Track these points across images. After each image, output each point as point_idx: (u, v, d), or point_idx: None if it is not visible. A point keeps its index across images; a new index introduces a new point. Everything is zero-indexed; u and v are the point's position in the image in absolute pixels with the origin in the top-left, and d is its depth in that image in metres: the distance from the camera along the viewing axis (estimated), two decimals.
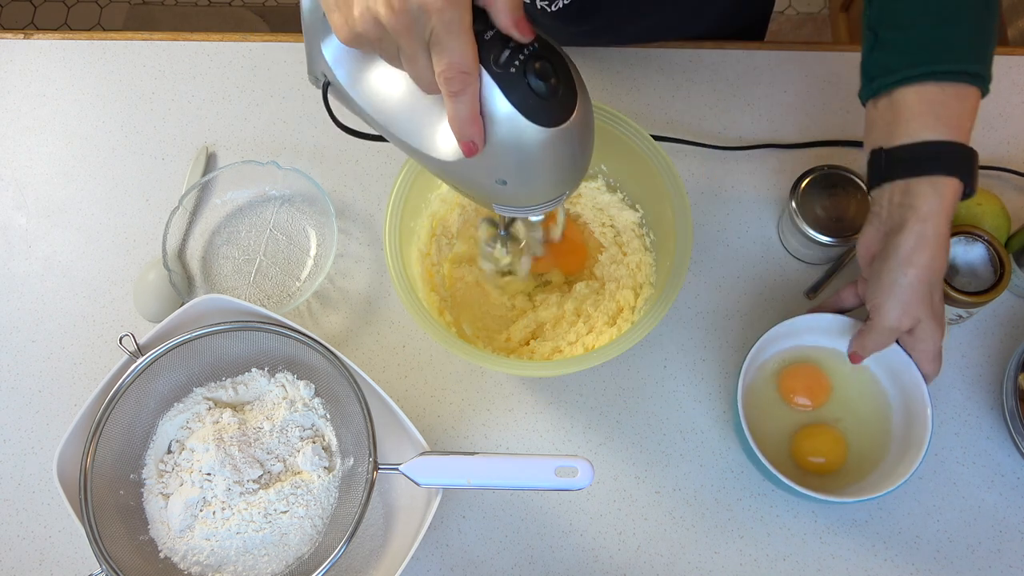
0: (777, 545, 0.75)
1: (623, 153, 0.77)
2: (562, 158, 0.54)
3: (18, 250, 0.89)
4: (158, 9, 2.15)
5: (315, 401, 0.75)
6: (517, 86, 0.49)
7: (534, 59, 0.49)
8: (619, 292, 0.79)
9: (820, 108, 0.89)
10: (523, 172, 0.54)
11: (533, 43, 0.50)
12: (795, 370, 0.77)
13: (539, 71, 0.49)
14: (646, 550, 0.76)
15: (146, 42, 0.97)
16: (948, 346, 0.81)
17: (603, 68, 0.92)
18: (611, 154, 0.79)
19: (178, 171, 0.91)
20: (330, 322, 0.85)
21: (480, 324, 0.81)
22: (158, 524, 0.71)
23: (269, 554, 0.69)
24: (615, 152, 0.77)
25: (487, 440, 0.80)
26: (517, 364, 0.73)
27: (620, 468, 0.78)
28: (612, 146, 0.77)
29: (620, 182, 0.83)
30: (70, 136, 0.93)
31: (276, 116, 0.93)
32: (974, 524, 0.75)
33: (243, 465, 0.70)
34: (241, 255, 0.88)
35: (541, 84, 0.49)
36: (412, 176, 0.75)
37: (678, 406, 0.80)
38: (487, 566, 0.76)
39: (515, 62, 0.49)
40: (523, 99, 0.50)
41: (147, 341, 0.72)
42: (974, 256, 0.77)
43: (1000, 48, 0.92)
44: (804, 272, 0.84)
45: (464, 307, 0.81)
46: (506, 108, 0.50)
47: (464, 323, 0.80)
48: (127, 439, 0.72)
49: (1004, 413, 0.76)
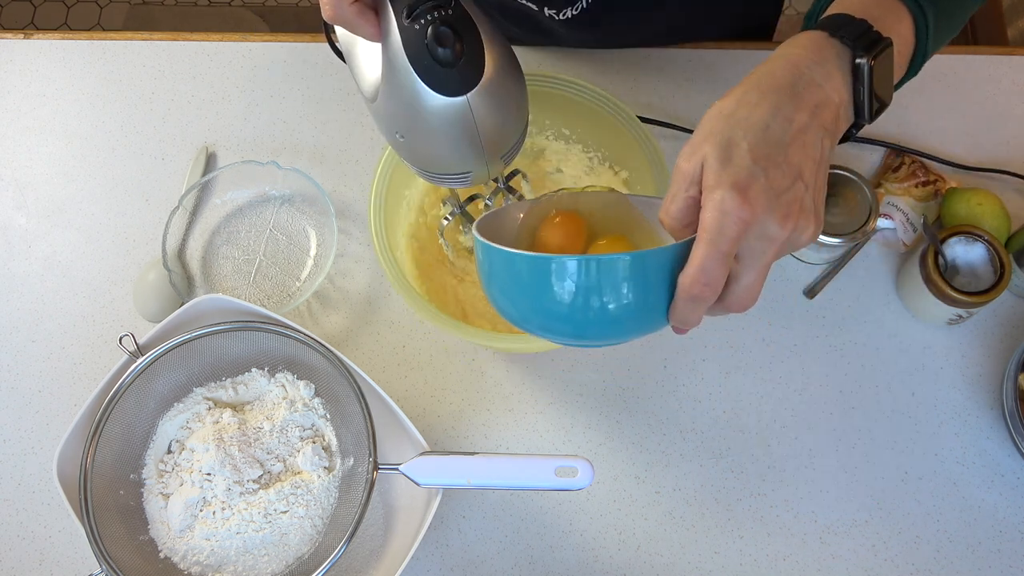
0: (777, 545, 0.75)
1: (614, 134, 0.76)
2: (457, 131, 0.54)
3: (18, 250, 0.89)
4: (158, 9, 2.15)
5: (315, 401, 0.75)
6: (417, 42, 0.50)
7: (442, 22, 0.50)
8: None
9: None
10: (416, 132, 0.55)
11: (450, 7, 0.51)
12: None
13: (440, 35, 0.50)
14: (646, 550, 0.76)
15: (146, 42, 0.97)
16: (948, 346, 0.81)
17: (603, 68, 0.92)
18: (606, 138, 0.79)
19: (178, 171, 0.91)
20: (330, 322, 0.85)
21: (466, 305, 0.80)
22: (158, 524, 0.71)
23: (269, 554, 0.69)
24: (608, 134, 0.77)
25: (487, 440, 0.80)
26: (495, 336, 0.71)
27: (620, 468, 0.78)
28: (607, 130, 0.76)
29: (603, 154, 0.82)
30: (70, 136, 0.93)
31: (276, 116, 0.93)
32: (974, 524, 0.75)
33: (243, 465, 0.70)
34: (241, 255, 0.88)
35: (440, 49, 0.50)
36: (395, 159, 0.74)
37: (678, 406, 0.80)
38: (487, 566, 0.76)
39: (423, 19, 0.50)
40: (420, 57, 0.50)
41: (147, 341, 0.72)
42: (974, 256, 0.77)
43: (1000, 48, 0.92)
44: (804, 272, 0.84)
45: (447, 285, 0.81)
46: (403, 60, 0.51)
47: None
48: (127, 439, 0.72)
49: (1004, 413, 0.76)
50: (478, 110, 0.53)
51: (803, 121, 0.48)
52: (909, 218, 0.83)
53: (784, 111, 0.48)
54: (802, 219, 0.47)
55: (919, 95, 0.90)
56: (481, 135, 0.55)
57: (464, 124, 0.54)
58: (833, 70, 0.50)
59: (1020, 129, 0.88)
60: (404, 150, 0.58)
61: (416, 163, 0.59)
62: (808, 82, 0.49)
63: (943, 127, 0.88)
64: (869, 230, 0.78)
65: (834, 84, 0.50)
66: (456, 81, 0.52)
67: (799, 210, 0.47)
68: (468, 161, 0.57)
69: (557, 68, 0.92)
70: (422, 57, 0.50)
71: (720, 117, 0.48)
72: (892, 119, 0.89)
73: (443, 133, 0.54)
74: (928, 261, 0.76)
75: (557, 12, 0.82)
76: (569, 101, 0.76)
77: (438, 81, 0.51)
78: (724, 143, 0.47)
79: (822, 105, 0.49)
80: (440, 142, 0.55)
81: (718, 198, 0.46)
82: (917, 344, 0.81)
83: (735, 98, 0.49)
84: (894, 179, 0.85)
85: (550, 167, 0.84)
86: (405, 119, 0.54)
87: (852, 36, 0.50)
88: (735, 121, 0.48)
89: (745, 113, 0.48)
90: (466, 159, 0.57)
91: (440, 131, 0.54)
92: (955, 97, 0.90)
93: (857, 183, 0.79)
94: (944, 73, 0.91)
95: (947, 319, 0.79)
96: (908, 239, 0.83)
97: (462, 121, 0.53)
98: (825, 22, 0.52)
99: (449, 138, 0.55)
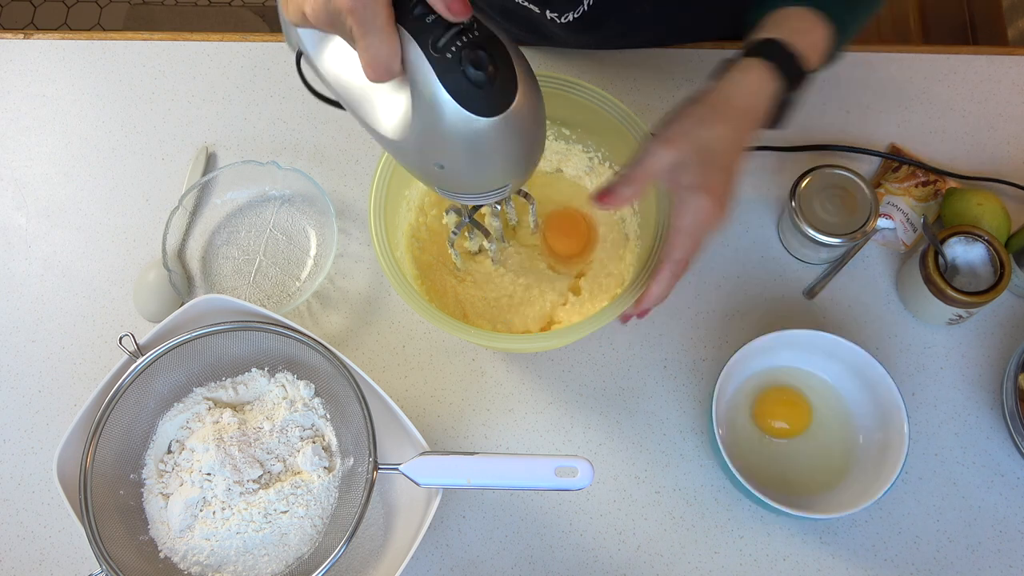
0: (777, 545, 0.75)
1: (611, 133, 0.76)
2: (500, 148, 0.54)
3: (18, 250, 0.89)
4: (158, 9, 2.15)
5: (315, 401, 0.75)
6: (453, 72, 0.49)
7: (472, 46, 0.49)
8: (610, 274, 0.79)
9: (819, 109, 0.89)
10: (459, 159, 0.54)
11: (474, 30, 0.50)
12: (772, 395, 0.78)
13: (475, 59, 0.49)
14: (646, 550, 0.76)
15: (146, 42, 0.97)
16: (948, 346, 0.81)
17: (604, 69, 0.92)
18: (605, 138, 0.79)
19: (178, 171, 0.91)
20: (330, 322, 0.85)
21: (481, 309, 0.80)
22: (158, 524, 0.71)
23: (269, 554, 0.69)
24: (607, 135, 0.77)
25: (487, 440, 0.80)
26: (495, 336, 0.73)
27: (620, 468, 0.78)
28: (604, 128, 0.76)
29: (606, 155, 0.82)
30: (70, 136, 0.93)
31: (276, 116, 0.93)
32: (974, 524, 0.75)
33: (243, 465, 0.70)
34: (241, 255, 0.88)
35: (477, 73, 0.49)
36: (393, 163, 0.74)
37: (678, 406, 0.80)
38: (487, 566, 0.76)
39: (452, 48, 0.49)
40: (458, 86, 0.50)
41: (147, 341, 0.72)
42: (974, 256, 0.77)
43: (1000, 48, 0.92)
44: (804, 272, 0.84)
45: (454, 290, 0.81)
46: (441, 94, 0.50)
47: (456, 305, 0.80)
48: (127, 439, 0.72)
49: (1004, 413, 0.76)
50: (519, 122, 0.52)
51: (747, 141, 0.65)
52: (909, 218, 0.83)
53: (738, 132, 0.64)
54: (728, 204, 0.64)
55: (919, 95, 0.90)
56: (525, 144, 0.55)
57: (509, 137, 0.53)
58: (769, 98, 0.65)
59: (1020, 129, 0.88)
60: (443, 179, 0.57)
61: (456, 189, 0.58)
62: (755, 109, 0.64)
63: (943, 127, 0.88)
64: (869, 230, 0.78)
65: (764, 108, 0.65)
66: (496, 99, 0.51)
67: (730, 199, 0.64)
68: (510, 173, 0.57)
69: (557, 68, 0.92)
70: (460, 84, 0.50)
71: (692, 118, 0.62)
72: (892, 119, 0.89)
73: (490, 153, 0.54)
74: (928, 261, 0.76)
75: (559, 15, 0.82)
76: (569, 101, 0.76)
77: (479, 104, 0.50)
78: (703, 149, 0.62)
79: (755, 126, 0.65)
80: (485, 162, 0.55)
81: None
82: (917, 344, 0.81)
83: (704, 108, 0.63)
84: (894, 179, 0.85)
85: (550, 167, 0.84)
86: (446, 149, 0.53)
87: (789, 73, 0.65)
88: (705, 127, 0.63)
89: (715, 126, 0.63)
90: (508, 171, 0.57)
91: (486, 151, 0.53)
92: (955, 97, 0.90)
93: (857, 183, 0.79)
94: (944, 73, 0.91)
95: (947, 319, 0.79)
96: (908, 239, 0.83)
97: (506, 135, 0.53)
98: (772, 55, 0.65)
99: (496, 156, 0.54)
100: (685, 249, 0.64)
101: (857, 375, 0.76)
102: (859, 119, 0.89)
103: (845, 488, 0.74)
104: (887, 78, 0.91)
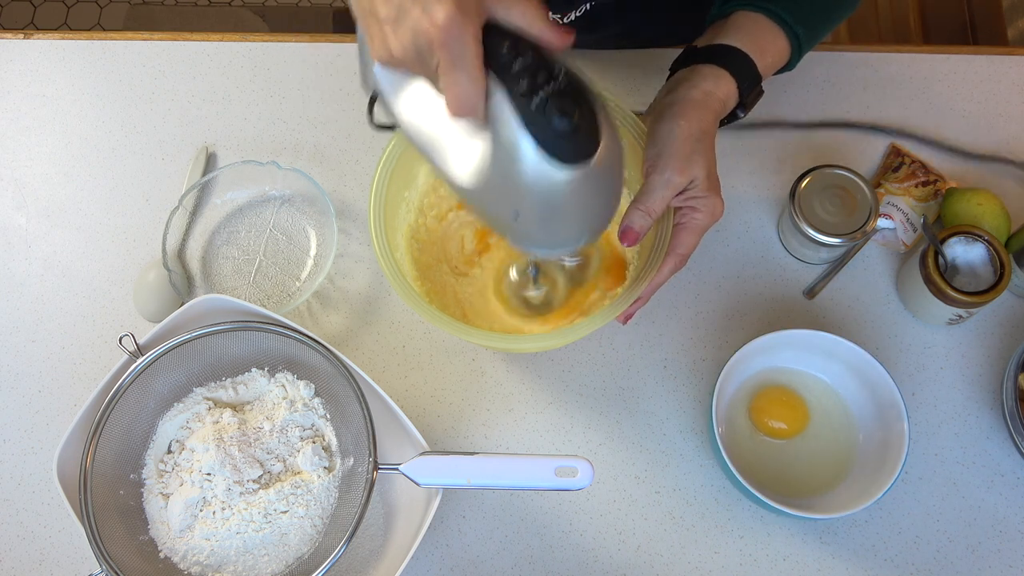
0: (777, 545, 0.75)
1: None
2: (579, 198, 0.52)
3: (18, 250, 0.89)
4: (158, 9, 2.15)
5: (315, 401, 0.75)
6: (538, 119, 0.48)
7: (559, 95, 0.48)
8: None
9: (819, 111, 0.89)
10: (536, 208, 0.52)
11: (561, 75, 0.49)
12: (768, 395, 0.78)
13: (562, 107, 0.48)
14: (646, 550, 0.76)
15: (146, 42, 0.97)
16: (948, 346, 0.81)
17: (604, 69, 0.92)
18: None
19: (178, 171, 0.91)
20: (330, 322, 0.85)
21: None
22: (158, 524, 0.71)
23: (269, 554, 0.69)
24: None
25: (487, 440, 0.80)
26: (495, 336, 0.73)
27: (620, 468, 0.78)
28: None
29: None
30: (70, 136, 0.93)
31: (276, 116, 0.93)
32: (974, 524, 0.75)
33: (243, 465, 0.70)
34: (241, 255, 0.88)
35: (563, 121, 0.48)
36: (397, 153, 0.74)
37: (678, 406, 0.80)
38: (487, 566, 0.76)
39: (539, 93, 0.48)
40: (542, 133, 0.48)
41: (147, 341, 0.72)
42: (974, 256, 0.77)
43: (1000, 48, 0.92)
44: (804, 272, 0.84)
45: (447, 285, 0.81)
46: (524, 140, 0.48)
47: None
48: (127, 439, 0.72)
49: (1004, 413, 0.76)
50: (599, 172, 0.51)
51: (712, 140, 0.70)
52: (909, 218, 0.83)
53: (711, 136, 0.69)
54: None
55: (919, 95, 0.90)
56: (603, 196, 0.54)
57: (589, 188, 0.51)
58: (730, 103, 0.71)
59: (1020, 129, 0.88)
60: (517, 229, 0.55)
61: (525, 239, 0.56)
62: (718, 113, 0.70)
63: (943, 127, 0.88)
64: (869, 230, 0.78)
65: (729, 108, 0.71)
66: (580, 148, 0.49)
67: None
68: (585, 225, 0.55)
69: None
70: (544, 131, 0.48)
71: (691, 141, 0.67)
72: (893, 119, 0.89)
73: (566, 202, 0.52)
74: (928, 261, 0.76)
75: (561, 16, 0.82)
76: None
77: (562, 153, 0.49)
78: (708, 165, 0.68)
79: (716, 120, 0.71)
80: (562, 213, 0.53)
81: (713, 202, 0.69)
82: (917, 344, 0.81)
83: (698, 127, 0.68)
84: (894, 179, 0.85)
85: None
86: (524, 197, 0.51)
87: (748, 85, 0.70)
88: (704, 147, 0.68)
89: (708, 143, 0.69)
90: (584, 223, 0.55)
91: (563, 201, 0.51)
92: (955, 97, 0.90)
93: (857, 183, 0.79)
94: (944, 73, 0.91)
95: (947, 319, 0.79)
96: (908, 239, 0.83)
97: (587, 186, 0.51)
98: (733, 67, 0.70)
99: (575, 205, 0.52)
100: (691, 245, 0.69)
101: (857, 375, 0.76)
102: (859, 119, 0.89)
103: (845, 488, 0.74)
104: (887, 78, 0.91)
